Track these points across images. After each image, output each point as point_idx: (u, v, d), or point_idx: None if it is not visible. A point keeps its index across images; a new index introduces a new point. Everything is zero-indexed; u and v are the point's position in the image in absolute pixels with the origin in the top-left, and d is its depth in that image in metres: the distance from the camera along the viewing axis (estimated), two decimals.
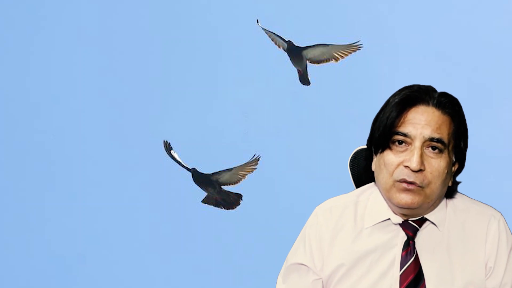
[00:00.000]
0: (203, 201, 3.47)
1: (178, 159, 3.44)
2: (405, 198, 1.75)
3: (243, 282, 3.40)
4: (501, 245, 1.81)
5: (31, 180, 3.54)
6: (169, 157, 3.44)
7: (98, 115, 3.50)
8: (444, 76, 3.15)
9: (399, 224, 1.80)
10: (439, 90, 1.83)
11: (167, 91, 3.46)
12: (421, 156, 1.74)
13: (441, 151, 1.75)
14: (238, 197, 3.46)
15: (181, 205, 3.46)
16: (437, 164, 1.75)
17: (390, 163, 1.76)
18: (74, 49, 3.51)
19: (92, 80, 3.51)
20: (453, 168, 1.80)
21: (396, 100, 1.79)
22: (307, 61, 3.36)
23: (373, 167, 1.83)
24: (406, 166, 1.74)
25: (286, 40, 3.35)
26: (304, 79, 3.39)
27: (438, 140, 1.75)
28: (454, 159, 1.79)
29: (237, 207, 3.47)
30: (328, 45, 3.33)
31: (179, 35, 3.45)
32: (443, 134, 1.76)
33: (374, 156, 1.82)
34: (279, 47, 3.37)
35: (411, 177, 1.74)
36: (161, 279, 3.48)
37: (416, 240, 1.80)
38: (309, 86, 3.39)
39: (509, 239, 1.82)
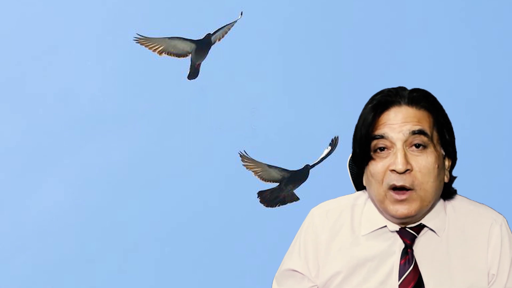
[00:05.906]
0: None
1: None
2: (401, 209, 1.67)
3: (243, 282, 3.40)
4: (504, 251, 1.73)
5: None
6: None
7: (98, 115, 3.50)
8: (444, 76, 3.16)
9: (396, 231, 1.72)
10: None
11: None
12: (405, 156, 1.65)
13: (425, 147, 1.67)
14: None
15: (181, 205, 3.46)
16: (424, 160, 1.66)
17: (377, 171, 1.67)
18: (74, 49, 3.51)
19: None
20: (446, 163, 1.72)
21: (367, 109, 1.72)
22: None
23: (365, 183, 1.74)
24: (392, 170, 1.65)
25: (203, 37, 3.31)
26: (195, 73, 3.33)
27: (420, 132, 1.66)
28: (443, 153, 1.71)
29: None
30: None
31: None
32: (424, 126, 1.67)
33: (364, 173, 1.74)
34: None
35: (399, 181, 1.65)
36: (161, 279, 3.48)
37: (414, 247, 1.72)
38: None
39: None
